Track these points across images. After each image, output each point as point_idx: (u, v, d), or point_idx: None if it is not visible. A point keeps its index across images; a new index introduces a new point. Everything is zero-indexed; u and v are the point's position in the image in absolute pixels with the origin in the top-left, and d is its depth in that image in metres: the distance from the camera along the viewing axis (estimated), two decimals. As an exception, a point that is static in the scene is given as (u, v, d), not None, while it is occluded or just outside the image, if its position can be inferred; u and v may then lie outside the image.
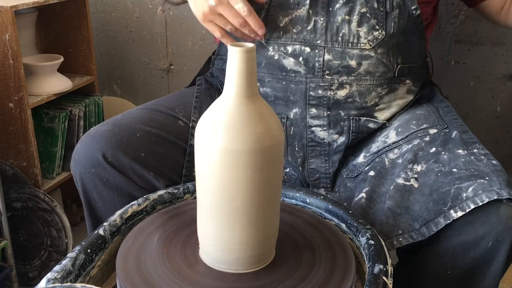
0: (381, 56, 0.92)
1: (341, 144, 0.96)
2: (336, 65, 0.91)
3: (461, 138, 0.88)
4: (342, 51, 0.91)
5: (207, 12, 0.87)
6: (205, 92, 1.06)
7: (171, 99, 1.05)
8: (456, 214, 0.75)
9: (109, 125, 0.91)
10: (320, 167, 0.98)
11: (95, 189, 0.89)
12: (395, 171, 0.87)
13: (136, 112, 0.97)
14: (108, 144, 0.87)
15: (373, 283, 0.63)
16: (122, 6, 1.76)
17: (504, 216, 0.73)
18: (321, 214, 0.82)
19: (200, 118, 0.96)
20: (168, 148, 0.94)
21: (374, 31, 0.90)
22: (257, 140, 0.60)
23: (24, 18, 1.42)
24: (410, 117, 0.96)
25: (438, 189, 0.79)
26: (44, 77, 1.40)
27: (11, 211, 1.40)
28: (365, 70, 0.92)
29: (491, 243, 0.74)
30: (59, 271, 0.64)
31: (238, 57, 0.60)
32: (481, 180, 0.76)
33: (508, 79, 1.46)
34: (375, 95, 0.94)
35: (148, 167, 0.90)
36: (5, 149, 1.37)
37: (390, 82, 0.94)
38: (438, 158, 0.84)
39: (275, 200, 0.67)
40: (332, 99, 0.93)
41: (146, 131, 0.92)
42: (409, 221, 0.80)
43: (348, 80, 0.92)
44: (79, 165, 0.89)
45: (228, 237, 0.65)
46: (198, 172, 0.65)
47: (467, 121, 1.53)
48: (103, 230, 0.73)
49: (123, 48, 1.82)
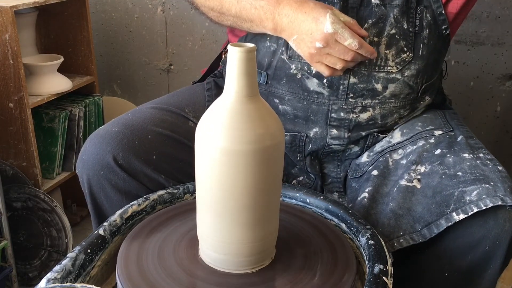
0: (408, 79, 0.88)
1: (353, 153, 0.96)
2: (361, 89, 0.88)
3: (467, 143, 0.86)
4: (368, 74, 0.87)
5: (314, 53, 0.81)
6: (215, 95, 1.03)
7: (180, 98, 1.01)
8: (458, 217, 0.74)
9: (119, 125, 0.88)
10: (332, 171, 0.98)
11: (103, 191, 0.86)
12: (398, 172, 0.86)
13: (146, 112, 0.93)
14: (119, 147, 0.84)
15: (373, 283, 0.63)
16: (122, 6, 1.76)
17: (502, 220, 0.73)
18: (321, 214, 0.82)
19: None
20: (179, 150, 0.91)
21: (402, 53, 0.87)
22: (257, 140, 0.60)
23: (24, 18, 1.43)
24: (416, 119, 0.95)
25: (441, 192, 0.78)
26: (44, 77, 1.40)
27: (11, 211, 1.40)
28: (391, 93, 0.89)
29: (489, 246, 0.74)
30: (59, 271, 0.64)
31: (238, 57, 0.60)
32: (486, 185, 0.75)
33: (508, 79, 1.46)
34: (397, 117, 0.92)
35: (160, 170, 0.87)
36: (5, 149, 1.37)
37: (413, 102, 0.92)
38: (443, 161, 0.82)
39: (275, 200, 0.67)
40: (354, 121, 0.90)
41: (158, 133, 0.89)
42: (411, 222, 0.79)
43: (372, 104, 0.89)
44: (87, 166, 0.85)
45: (228, 237, 0.65)
46: (198, 172, 0.65)
47: (467, 121, 1.53)
48: (103, 230, 0.73)
49: (123, 48, 1.82)
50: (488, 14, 1.42)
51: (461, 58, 1.48)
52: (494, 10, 1.41)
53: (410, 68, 0.88)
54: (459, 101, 1.52)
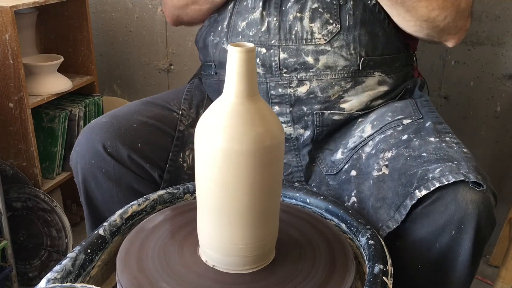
0: (338, 50, 0.92)
1: (307, 138, 0.97)
2: (292, 63, 0.93)
3: (435, 128, 0.87)
4: (296, 48, 0.92)
5: None
6: (196, 88, 1.11)
7: (166, 95, 1.09)
8: (421, 193, 0.73)
9: (107, 117, 0.94)
10: (292, 161, 0.99)
11: (94, 179, 0.91)
12: (369, 163, 0.87)
13: (133, 105, 1.01)
14: (107, 135, 0.90)
15: (373, 283, 0.63)
16: (122, 6, 1.76)
17: (463, 203, 0.71)
18: (321, 214, 0.82)
19: (189, 108, 1.02)
20: (164, 138, 0.97)
21: (328, 25, 0.91)
22: (257, 140, 0.60)
23: (24, 18, 1.42)
24: (386, 109, 0.95)
25: (405, 172, 0.78)
26: (44, 77, 1.40)
27: (11, 211, 1.40)
28: (324, 65, 0.92)
29: (454, 232, 0.72)
30: (59, 271, 0.64)
31: (238, 57, 0.60)
32: (449, 163, 0.75)
33: (508, 79, 1.46)
34: (338, 89, 0.94)
35: (145, 157, 0.92)
36: (5, 149, 1.37)
37: (355, 75, 0.94)
38: (409, 144, 0.83)
39: (275, 200, 0.67)
40: (294, 96, 0.94)
41: (143, 122, 0.95)
42: (387, 210, 0.79)
43: (307, 77, 0.93)
44: (80, 155, 0.91)
45: (228, 236, 0.65)
46: (198, 172, 0.65)
47: (467, 121, 1.53)
48: (103, 230, 0.73)
49: (123, 48, 1.82)
50: (488, 14, 1.42)
51: (461, 58, 1.48)
52: (494, 10, 1.41)
53: (339, 39, 0.92)
54: (459, 101, 1.52)
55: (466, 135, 1.53)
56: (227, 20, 0.99)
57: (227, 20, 0.99)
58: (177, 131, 0.99)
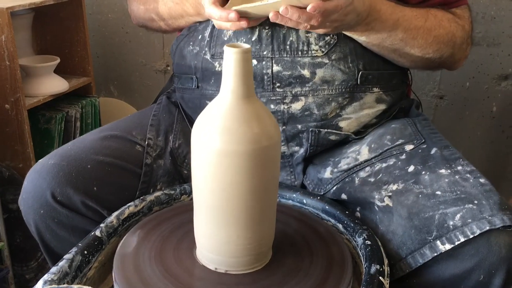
0: (336, 62, 0.84)
1: (300, 156, 0.90)
2: (287, 76, 0.84)
3: (442, 155, 0.79)
4: (291, 60, 0.84)
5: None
6: (164, 109, 1.00)
7: (129, 121, 0.97)
8: (444, 247, 0.68)
9: (56, 157, 0.82)
10: (286, 179, 0.92)
11: (48, 230, 0.82)
12: (364, 189, 0.80)
13: (87, 140, 0.88)
14: (56, 180, 0.79)
15: (369, 283, 0.63)
16: (119, 7, 1.76)
17: (496, 246, 0.66)
18: (318, 215, 0.83)
19: (156, 136, 0.93)
20: (125, 178, 0.86)
21: (325, 35, 0.83)
22: (254, 140, 0.61)
23: (20, 19, 1.42)
24: (384, 131, 0.88)
25: (419, 213, 0.71)
26: (41, 78, 1.40)
27: (7, 213, 1.39)
28: (321, 79, 0.84)
29: (483, 276, 0.67)
30: (55, 272, 0.64)
31: (234, 58, 0.60)
32: (469, 205, 0.68)
33: (503, 79, 1.46)
34: (335, 106, 0.86)
35: (102, 202, 0.81)
36: (2, 151, 1.37)
37: (353, 90, 0.86)
38: (418, 179, 0.76)
39: (272, 201, 0.67)
40: (287, 113, 0.86)
41: (99, 161, 0.83)
42: (395, 248, 0.74)
43: (302, 92, 0.85)
44: (28, 205, 0.81)
45: (225, 237, 0.65)
46: (195, 173, 0.65)
47: (463, 121, 1.54)
48: (99, 231, 0.73)
49: (120, 49, 1.82)
50: (484, 15, 1.42)
51: (457, 59, 1.48)
52: (490, 11, 1.42)
53: (336, 51, 0.84)
54: (455, 102, 1.52)
55: (462, 136, 1.54)
56: (210, 29, 0.89)
57: (210, 29, 0.89)
58: (144, 165, 0.88)
